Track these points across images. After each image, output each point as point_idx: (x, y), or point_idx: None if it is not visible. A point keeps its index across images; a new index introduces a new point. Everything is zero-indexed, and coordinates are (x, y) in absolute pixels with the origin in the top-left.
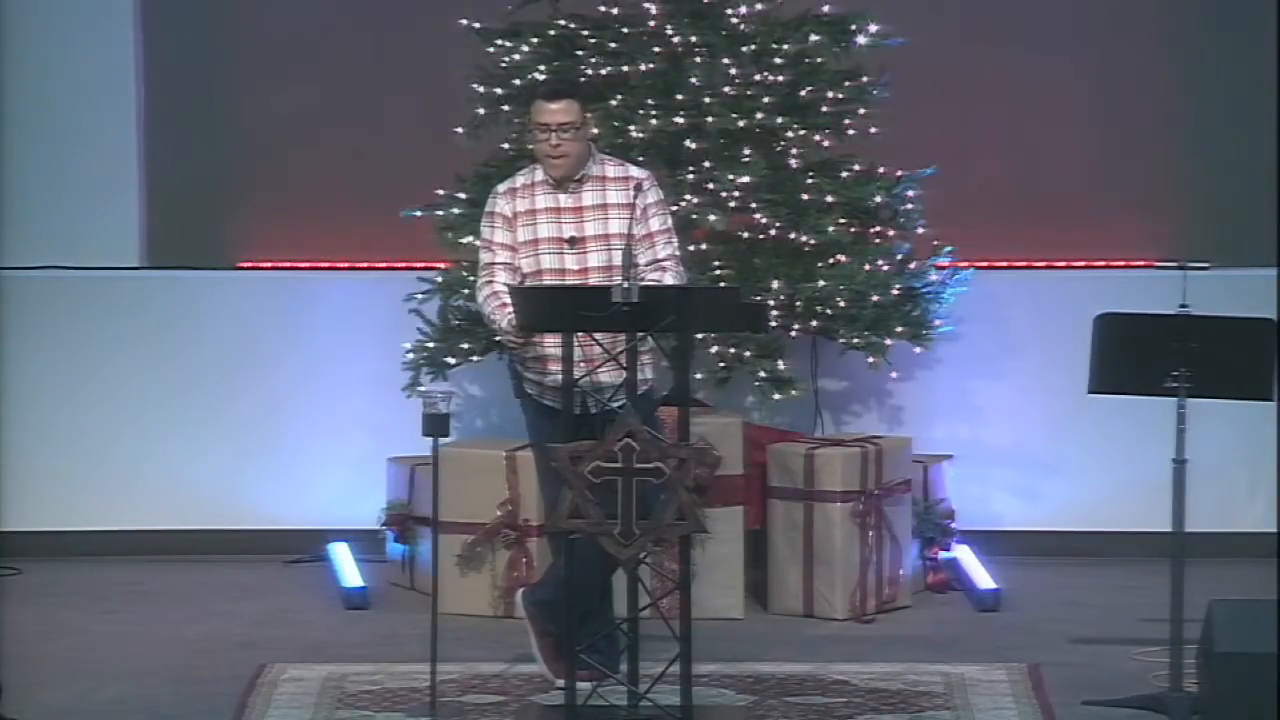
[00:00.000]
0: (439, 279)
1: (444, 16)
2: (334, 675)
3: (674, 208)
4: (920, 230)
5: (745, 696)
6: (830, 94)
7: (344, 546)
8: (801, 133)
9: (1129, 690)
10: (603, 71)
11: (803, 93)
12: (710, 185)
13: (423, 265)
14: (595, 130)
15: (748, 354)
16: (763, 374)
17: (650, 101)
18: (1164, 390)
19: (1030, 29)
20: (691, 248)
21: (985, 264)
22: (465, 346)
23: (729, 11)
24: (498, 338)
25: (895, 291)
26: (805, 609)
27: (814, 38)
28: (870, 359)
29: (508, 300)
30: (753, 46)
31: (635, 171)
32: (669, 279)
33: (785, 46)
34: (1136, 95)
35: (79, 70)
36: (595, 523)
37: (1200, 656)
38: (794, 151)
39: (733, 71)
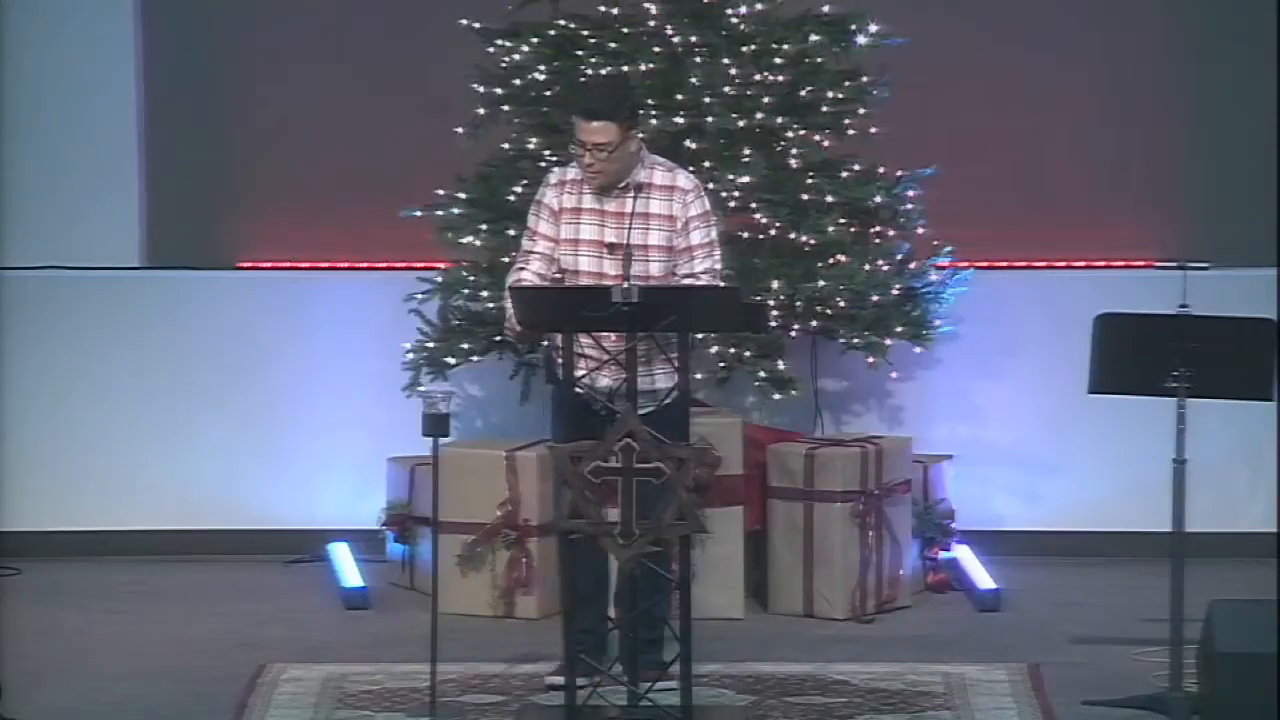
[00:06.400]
0: (439, 279)
1: (444, 16)
2: (334, 675)
3: None
4: (920, 230)
5: (745, 696)
6: (830, 94)
7: (344, 546)
8: (801, 133)
9: (1129, 690)
10: (603, 71)
11: (803, 93)
12: (710, 185)
13: (423, 265)
14: (642, 134)
15: (748, 354)
16: (763, 374)
17: (650, 101)
18: (1164, 390)
19: (1031, 29)
20: None
21: (985, 264)
22: (465, 346)
23: (729, 11)
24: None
25: (895, 291)
26: (805, 609)
27: (814, 38)
28: (870, 359)
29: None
30: (753, 46)
31: (683, 180)
32: None
33: (785, 46)
34: (1137, 95)
35: (79, 70)
36: (595, 523)
37: (1200, 656)
38: (794, 151)
39: (733, 71)
